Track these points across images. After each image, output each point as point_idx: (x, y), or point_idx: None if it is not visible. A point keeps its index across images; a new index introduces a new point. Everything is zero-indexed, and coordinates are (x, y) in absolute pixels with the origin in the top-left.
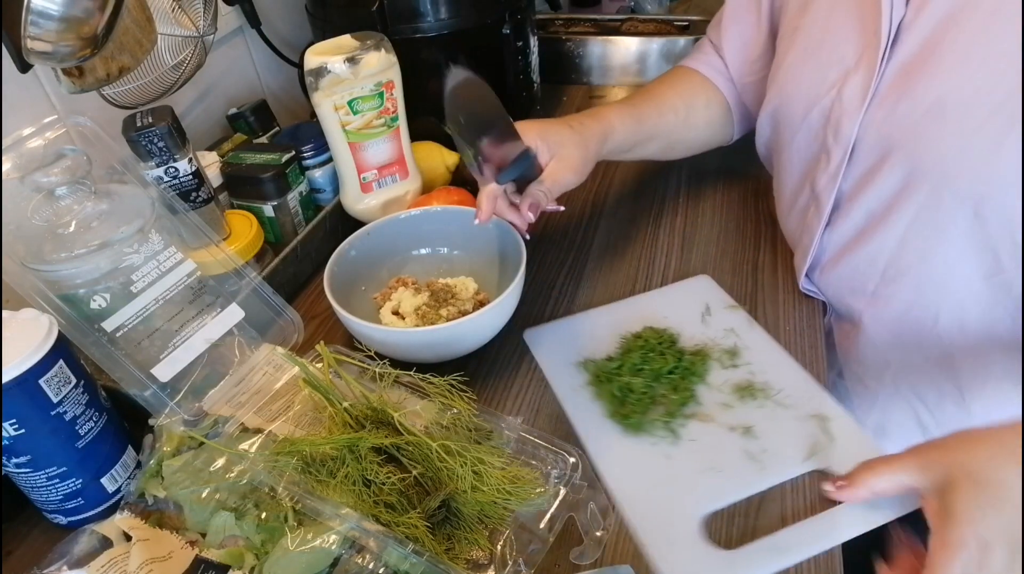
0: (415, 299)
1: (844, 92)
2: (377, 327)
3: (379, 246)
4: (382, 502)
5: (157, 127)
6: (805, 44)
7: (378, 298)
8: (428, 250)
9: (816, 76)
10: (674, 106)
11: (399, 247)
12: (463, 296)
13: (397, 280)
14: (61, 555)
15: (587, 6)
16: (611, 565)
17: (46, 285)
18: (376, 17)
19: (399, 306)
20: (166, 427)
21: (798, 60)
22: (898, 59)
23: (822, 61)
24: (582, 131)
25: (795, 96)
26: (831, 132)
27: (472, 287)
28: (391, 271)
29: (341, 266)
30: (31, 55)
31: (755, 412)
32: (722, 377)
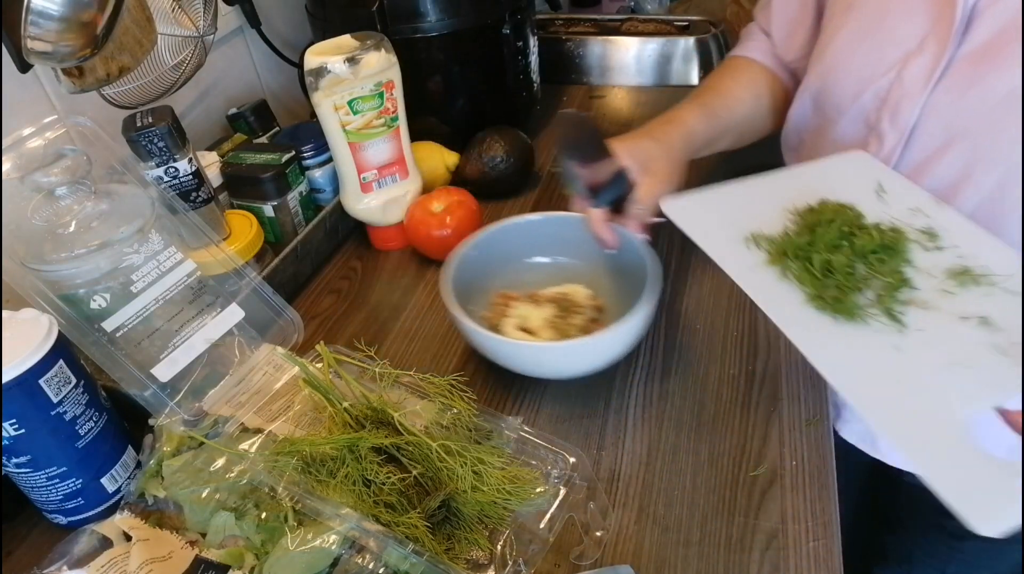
0: (540, 312)
1: (905, 74)
2: (544, 345)
3: (478, 265)
4: (382, 502)
5: (157, 127)
6: (860, 23)
7: (489, 316)
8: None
9: (872, 56)
10: (741, 98)
11: (494, 263)
12: (583, 303)
13: (501, 295)
14: (61, 555)
15: (587, 6)
16: (611, 565)
17: (46, 285)
18: (376, 17)
19: (525, 321)
20: (166, 427)
21: (852, 39)
22: (970, 44)
23: (880, 41)
24: (666, 140)
25: (846, 77)
26: (887, 115)
27: (584, 292)
28: (486, 290)
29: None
30: (31, 55)
31: (984, 301)
32: (929, 260)
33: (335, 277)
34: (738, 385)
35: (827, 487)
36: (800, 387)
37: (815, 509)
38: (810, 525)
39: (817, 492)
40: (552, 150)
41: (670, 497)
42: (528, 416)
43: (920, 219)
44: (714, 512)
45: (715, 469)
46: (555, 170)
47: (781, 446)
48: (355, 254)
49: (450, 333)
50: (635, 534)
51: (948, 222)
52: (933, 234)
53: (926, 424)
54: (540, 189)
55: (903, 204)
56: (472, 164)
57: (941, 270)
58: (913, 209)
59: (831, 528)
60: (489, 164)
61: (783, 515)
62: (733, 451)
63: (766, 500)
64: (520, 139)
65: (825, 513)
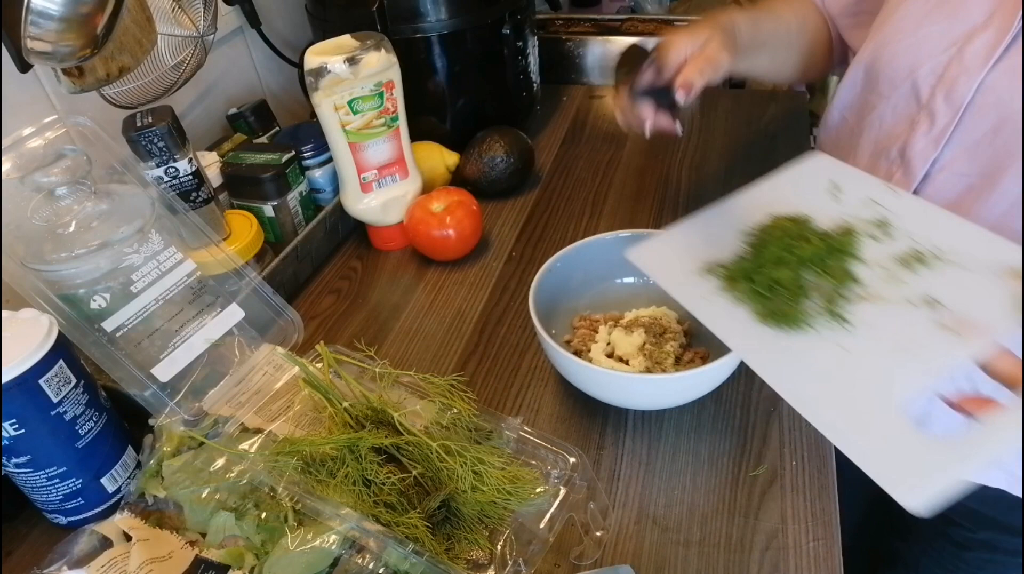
0: (631, 338)
1: (967, 49)
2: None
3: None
4: (382, 502)
5: (157, 127)
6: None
7: (573, 341)
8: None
9: (936, 30)
10: (787, 20)
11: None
12: (674, 328)
13: (581, 319)
14: (61, 555)
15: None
16: (611, 565)
17: (46, 285)
18: (376, 17)
19: (615, 347)
20: (166, 427)
21: (917, 12)
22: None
23: (946, 15)
24: (715, 24)
25: (905, 51)
26: (941, 92)
27: (672, 315)
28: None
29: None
30: (31, 55)
31: (933, 281)
32: (881, 251)
33: (335, 277)
34: (738, 385)
35: (827, 487)
36: None
37: (815, 509)
38: (810, 525)
39: (817, 492)
40: (552, 149)
41: (670, 497)
42: (528, 416)
43: (873, 210)
44: (714, 512)
45: (715, 469)
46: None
47: (781, 446)
48: (355, 254)
49: (450, 333)
50: (635, 534)
51: (903, 207)
52: (884, 223)
53: (864, 414)
54: (540, 189)
55: (857, 198)
56: (472, 164)
57: (892, 258)
58: (867, 201)
59: (831, 528)
60: (489, 164)
61: (783, 515)
62: (733, 451)
63: (766, 500)
64: (520, 139)
65: (825, 513)
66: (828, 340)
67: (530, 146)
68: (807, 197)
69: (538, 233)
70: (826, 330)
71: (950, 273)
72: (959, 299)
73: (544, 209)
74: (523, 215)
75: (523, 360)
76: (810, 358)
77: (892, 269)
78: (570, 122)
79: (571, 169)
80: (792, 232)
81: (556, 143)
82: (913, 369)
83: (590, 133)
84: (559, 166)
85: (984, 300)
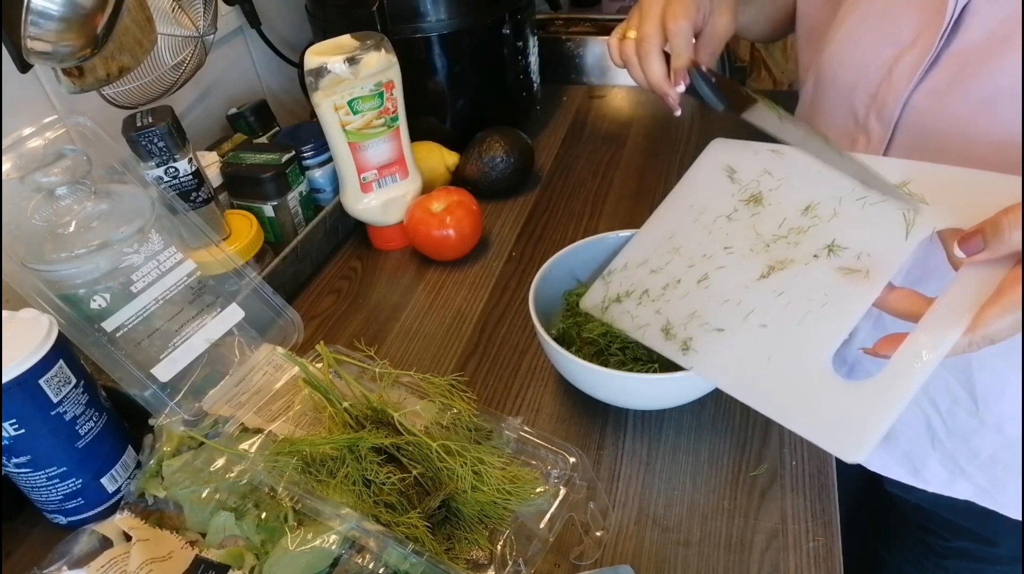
0: None
1: (895, 70)
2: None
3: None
4: (382, 502)
5: (157, 127)
6: (866, 13)
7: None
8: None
9: (871, 51)
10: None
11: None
12: None
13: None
14: (61, 555)
15: (587, 6)
16: (611, 565)
17: (46, 285)
18: (376, 17)
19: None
20: (166, 427)
21: (856, 29)
22: (958, 44)
23: (881, 34)
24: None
25: (844, 69)
26: (874, 112)
27: None
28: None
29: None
30: (31, 55)
31: (827, 226)
32: (773, 222)
33: (335, 277)
34: None
35: (827, 487)
36: None
37: (815, 509)
38: (810, 525)
39: (817, 492)
40: (552, 149)
41: (670, 497)
42: (528, 416)
43: (765, 182)
44: (714, 512)
45: (715, 469)
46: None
47: (781, 446)
48: (355, 254)
49: (450, 333)
50: (635, 534)
51: (791, 167)
52: (758, 198)
53: (792, 379)
54: (540, 189)
55: (750, 175)
56: (472, 164)
57: (786, 225)
58: (761, 173)
59: (831, 528)
60: (489, 164)
61: (783, 515)
62: (733, 451)
63: (766, 500)
64: (520, 139)
65: (825, 513)
66: (748, 324)
67: (530, 146)
68: (711, 187)
69: (538, 233)
70: (745, 316)
71: (845, 213)
72: (854, 235)
73: (544, 209)
74: (523, 215)
75: (523, 360)
76: (739, 349)
77: (787, 234)
78: (570, 122)
79: (571, 169)
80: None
81: (556, 143)
82: (827, 327)
83: (590, 133)
84: (559, 166)
85: (876, 228)
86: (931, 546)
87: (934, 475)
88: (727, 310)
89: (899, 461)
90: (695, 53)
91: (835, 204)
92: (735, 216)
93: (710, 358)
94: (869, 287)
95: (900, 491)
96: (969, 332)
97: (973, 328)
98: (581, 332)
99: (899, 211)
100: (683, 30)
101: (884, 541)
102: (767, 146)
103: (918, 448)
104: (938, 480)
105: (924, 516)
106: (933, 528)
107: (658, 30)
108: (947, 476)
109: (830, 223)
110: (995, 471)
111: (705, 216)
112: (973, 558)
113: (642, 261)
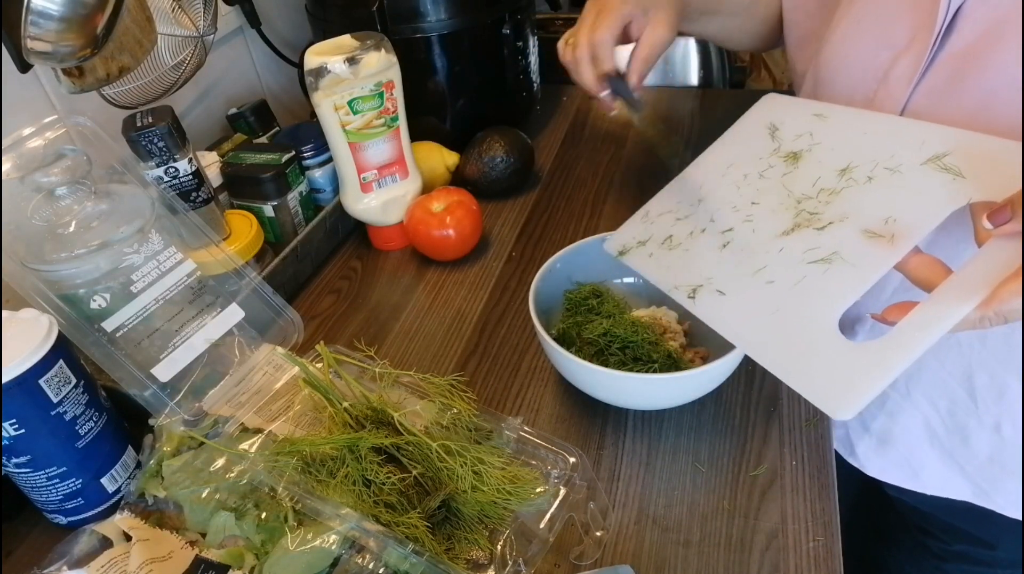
0: None
1: (891, 75)
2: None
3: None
4: (382, 502)
5: (157, 127)
6: (860, 18)
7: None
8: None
9: (867, 54)
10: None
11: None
12: (673, 328)
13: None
14: (61, 555)
15: None
16: (611, 565)
17: (46, 285)
18: (376, 17)
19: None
20: (166, 427)
21: (850, 34)
22: (953, 46)
23: (875, 38)
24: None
25: (841, 74)
26: None
27: (672, 315)
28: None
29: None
30: (31, 55)
31: (860, 189)
32: (806, 181)
33: (335, 277)
34: (738, 385)
35: (827, 487)
36: None
37: (815, 509)
38: (810, 525)
39: (817, 492)
40: (552, 149)
41: (670, 497)
42: (528, 416)
43: (805, 141)
44: (714, 512)
45: (715, 469)
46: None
47: (781, 446)
48: (355, 254)
49: (450, 333)
50: (635, 534)
51: (828, 132)
52: (796, 156)
53: (795, 334)
54: (540, 189)
55: (792, 132)
56: (472, 164)
57: (821, 183)
58: (799, 135)
59: (831, 528)
60: (489, 164)
61: (783, 515)
62: (733, 451)
63: (766, 500)
64: (520, 139)
65: (825, 513)
66: (763, 276)
67: (530, 146)
68: (753, 144)
69: (538, 233)
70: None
71: (880, 177)
72: (886, 199)
73: (544, 209)
74: (523, 215)
75: (523, 360)
76: (750, 299)
77: (824, 191)
78: (570, 122)
79: (571, 169)
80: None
81: (556, 143)
82: (840, 287)
83: (590, 133)
84: (559, 166)
85: (910, 195)
86: (931, 549)
87: (932, 476)
88: (742, 261)
89: (898, 465)
90: (630, 60)
91: (871, 167)
92: (767, 173)
93: (716, 306)
94: (891, 251)
95: (899, 493)
96: (983, 307)
97: (988, 303)
98: (581, 332)
99: (936, 180)
100: (604, 41)
101: (885, 543)
102: (812, 108)
103: (916, 449)
104: (936, 481)
105: (923, 518)
106: (933, 531)
107: (587, 39)
108: (945, 475)
109: (864, 186)
110: (993, 472)
111: (736, 170)
112: (973, 561)
113: (668, 210)
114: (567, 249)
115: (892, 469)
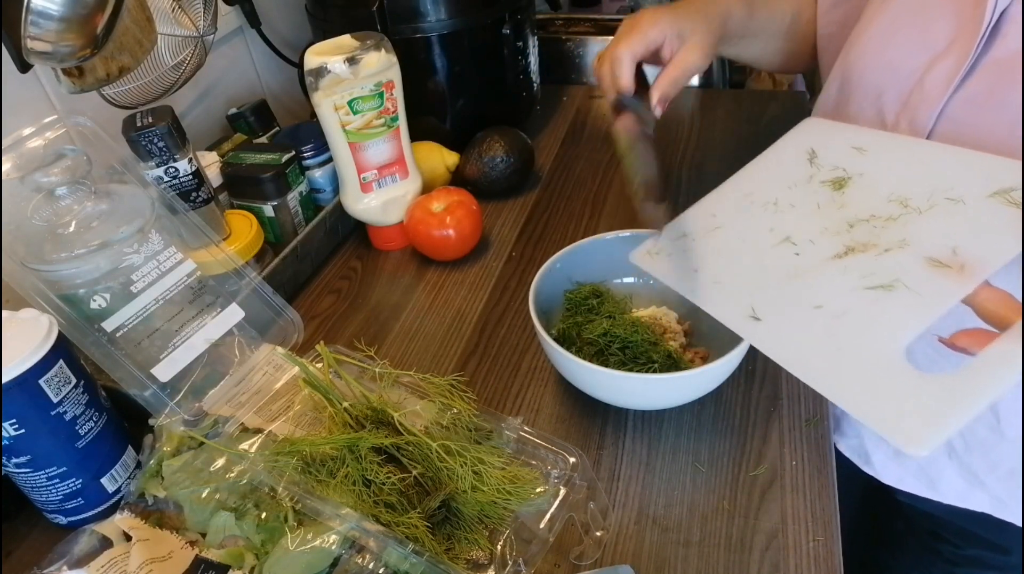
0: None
1: (927, 79)
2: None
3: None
4: (382, 502)
5: (157, 127)
6: (895, 15)
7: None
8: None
9: (901, 55)
10: (783, 10)
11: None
12: (674, 328)
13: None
14: (61, 555)
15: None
16: (611, 565)
17: (46, 285)
18: (376, 17)
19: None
20: (166, 427)
21: (885, 32)
22: (996, 51)
23: (911, 38)
24: (707, 12)
25: (872, 73)
26: (905, 119)
27: (672, 315)
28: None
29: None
30: (31, 55)
31: (920, 217)
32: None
33: (335, 277)
34: (738, 385)
35: (827, 487)
36: (800, 387)
37: (815, 509)
38: (810, 525)
39: (817, 492)
40: (552, 149)
41: (670, 497)
42: (528, 416)
43: (838, 172)
44: (714, 512)
45: (715, 469)
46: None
47: (781, 446)
48: (355, 254)
49: (450, 333)
50: (635, 534)
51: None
52: (842, 181)
53: (858, 363)
54: (540, 189)
55: (829, 162)
56: (472, 164)
57: (873, 210)
58: (835, 167)
59: (831, 528)
60: (489, 164)
61: (783, 515)
62: (733, 451)
63: (766, 500)
64: (520, 139)
65: (825, 513)
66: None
67: (530, 146)
68: (789, 169)
69: (538, 233)
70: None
71: (942, 206)
72: (949, 229)
73: (544, 209)
74: (523, 215)
75: (523, 360)
76: (805, 325)
77: (877, 217)
78: (570, 122)
79: (571, 169)
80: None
81: (556, 143)
82: (905, 315)
83: (590, 133)
84: (559, 166)
85: (975, 227)
86: (943, 554)
87: (950, 487)
88: (786, 285)
89: (915, 474)
90: (657, 77)
91: (928, 196)
92: (811, 199)
93: (770, 332)
94: (960, 283)
95: (912, 500)
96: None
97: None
98: (581, 332)
99: (1005, 214)
100: (619, 57)
101: (889, 548)
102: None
103: (934, 461)
104: (954, 492)
105: (936, 524)
106: (945, 536)
107: (608, 54)
108: (964, 487)
109: (923, 215)
110: (1013, 484)
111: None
112: (986, 566)
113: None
114: (567, 249)
115: (910, 478)
